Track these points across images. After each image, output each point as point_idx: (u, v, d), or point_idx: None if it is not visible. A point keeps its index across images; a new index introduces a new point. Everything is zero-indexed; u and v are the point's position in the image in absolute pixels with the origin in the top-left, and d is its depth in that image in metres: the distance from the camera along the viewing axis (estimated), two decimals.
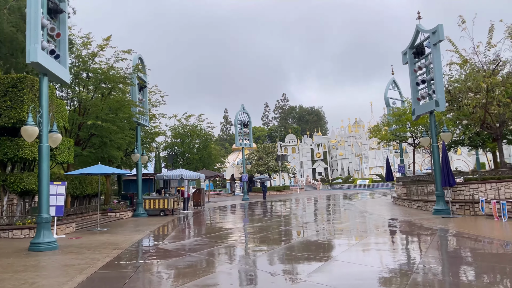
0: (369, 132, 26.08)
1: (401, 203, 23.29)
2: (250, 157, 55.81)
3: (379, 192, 47.39)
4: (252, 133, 56.31)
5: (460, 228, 12.71)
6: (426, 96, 17.94)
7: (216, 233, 14.22)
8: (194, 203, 28.34)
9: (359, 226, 15.05)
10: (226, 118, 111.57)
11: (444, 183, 16.30)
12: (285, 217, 19.79)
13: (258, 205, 30.88)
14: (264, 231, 14.01)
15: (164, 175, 22.26)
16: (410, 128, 23.18)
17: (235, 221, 19.25)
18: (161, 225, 17.61)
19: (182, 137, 34.40)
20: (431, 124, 17.59)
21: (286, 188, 55.49)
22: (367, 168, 79.55)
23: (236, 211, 26.02)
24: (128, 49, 19.42)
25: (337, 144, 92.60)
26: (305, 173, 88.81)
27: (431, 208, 18.69)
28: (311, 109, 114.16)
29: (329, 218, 18.62)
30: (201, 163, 34.19)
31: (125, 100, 19.24)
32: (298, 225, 15.95)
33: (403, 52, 19.48)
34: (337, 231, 13.48)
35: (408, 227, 13.92)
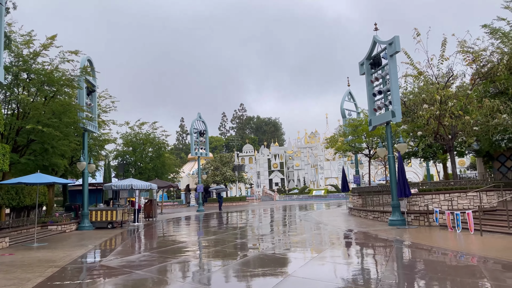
0: (326, 142, 26.05)
1: (357, 214, 23.29)
2: (206, 167, 54.67)
3: (334, 202, 47.86)
4: (209, 143, 55.38)
5: (416, 239, 12.59)
6: (383, 107, 18.05)
7: (168, 247, 13.24)
8: (145, 214, 26.97)
9: (315, 238, 14.63)
10: (183, 127, 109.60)
11: (400, 193, 16.31)
12: (241, 229, 19.08)
13: (214, 216, 29.95)
14: (219, 245, 13.22)
15: (113, 185, 20.88)
16: (366, 139, 23.39)
17: (188, 233, 18.29)
18: (107, 239, 16.33)
19: (134, 145, 32.85)
20: (387, 135, 17.67)
21: (243, 199, 54.77)
22: (323, 179, 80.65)
23: (190, 223, 24.97)
24: (75, 49, 18.11)
25: (294, 155, 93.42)
26: (262, 184, 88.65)
27: (386, 219, 18.71)
28: (268, 120, 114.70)
29: (286, 229, 18.13)
30: (154, 173, 32.76)
31: (70, 104, 17.83)
32: (254, 237, 15.30)
33: (360, 62, 19.58)
34: (293, 244, 12.95)
35: (365, 238, 13.66)
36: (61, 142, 17.44)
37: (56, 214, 19.87)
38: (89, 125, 20.47)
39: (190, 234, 17.84)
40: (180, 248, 12.92)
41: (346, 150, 24.89)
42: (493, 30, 18.18)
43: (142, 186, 21.45)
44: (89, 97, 21.54)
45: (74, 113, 18.47)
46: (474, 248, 10.64)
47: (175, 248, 12.91)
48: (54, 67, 17.88)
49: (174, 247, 13.28)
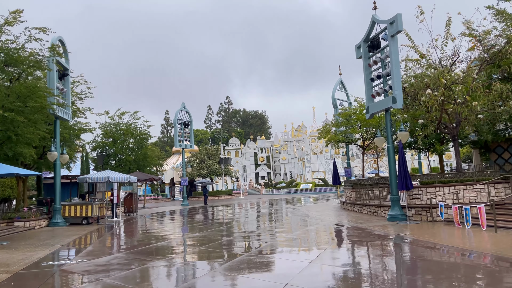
0: (318, 133, 24.64)
1: (350, 208, 22.02)
2: (192, 160, 52.91)
3: (322, 196, 46.73)
4: (194, 136, 53.48)
5: (422, 236, 11.29)
6: (382, 93, 16.70)
7: (145, 246, 11.66)
8: (125, 209, 25.25)
9: (309, 236, 13.23)
10: (167, 120, 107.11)
11: (402, 186, 15.01)
12: (227, 225, 17.58)
13: (199, 211, 28.37)
14: (204, 243, 11.69)
15: (88, 178, 19.11)
16: (361, 129, 22.04)
17: (170, 230, 16.69)
18: (79, 237, 14.66)
19: (114, 136, 30.93)
20: (387, 123, 16.33)
21: (229, 192, 53.22)
22: (310, 173, 79.64)
23: (173, 218, 23.36)
24: (43, 26, 16.24)
25: (280, 149, 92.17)
26: (248, 177, 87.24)
27: (384, 213, 17.45)
28: (255, 113, 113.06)
29: (275, 226, 16.69)
30: (136, 165, 30.96)
31: (36, 87, 15.96)
32: (242, 235, 13.81)
33: (356, 45, 18.16)
34: (286, 243, 11.52)
35: (364, 236, 12.29)
36: (27, 130, 15.61)
37: (24, 209, 18.04)
38: (61, 111, 18.62)
39: (172, 231, 16.25)
40: (159, 249, 11.36)
41: (339, 140, 23.54)
42: (498, 12, 16.97)
43: (120, 179, 19.73)
44: (61, 82, 19.67)
45: (42, 98, 16.63)
46: (492, 246, 9.34)
47: (153, 248, 11.34)
48: (20, 46, 15.99)
49: (152, 246, 11.70)
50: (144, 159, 31.62)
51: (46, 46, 16.99)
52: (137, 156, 31.60)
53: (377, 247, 10.30)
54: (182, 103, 37.13)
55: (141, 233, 16.06)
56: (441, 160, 24.75)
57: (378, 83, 16.96)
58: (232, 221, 19.23)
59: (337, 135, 23.04)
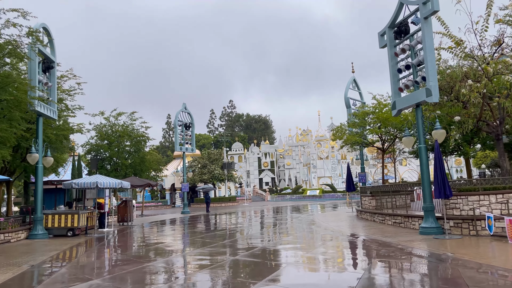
0: (332, 133, 22.35)
1: (369, 218, 19.66)
2: (193, 164, 50.62)
3: (331, 203, 44.30)
4: (197, 141, 51.31)
5: (473, 256, 8.93)
6: (411, 85, 14.41)
7: (134, 268, 9.33)
8: (119, 218, 22.96)
9: (335, 254, 10.90)
10: (169, 124, 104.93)
11: (439, 193, 12.66)
12: (233, 239, 15.25)
13: (200, 220, 26.04)
14: (205, 267, 9.38)
15: (74, 183, 16.85)
16: (380, 129, 19.70)
17: (166, 246, 14.37)
18: (57, 253, 12.37)
19: (109, 138, 28.73)
20: (418, 120, 14.03)
21: (233, 199, 50.82)
22: (315, 178, 77.20)
23: (171, 228, 21.06)
24: (21, 8, 14.07)
25: (285, 154, 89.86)
26: (252, 183, 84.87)
27: (413, 225, 15.11)
28: (258, 117, 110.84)
29: (291, 241, 14.35)
30: (132, 170, 28.73)
31: (10, 76, 13.75)
32: (252, 254, 11.47)
33: (380, 33, 15.89)
34: (310, 266, 9.20)
35: (401, 255, 9.94)
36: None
37: (0, 219, 15.77)
38: (44, 108, 16.41)
39: (169, 247, 13.94)
40: (151, 273, 9.04)
41: (355, 142, 21.21)
42: None
43: (111, 185, 17.46)
44: (45, 75, 17.49)
45: (20, 91, 14.44)
46: None
47: (144, 272, 9.01)
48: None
49: (143, 269, 9.37)
50: (142, 163, 29.35)
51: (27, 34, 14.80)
52: (134, 160, 29.35)
53: (422, 270, 7.95)
54: (183, 104, 34.90)
55: (132, 248, 13.76)
56: (468, 165, 22.40)
57: (407, 74, 14.67)
58: (239, 233, 16.91)
59: (354, 135, 20.71)
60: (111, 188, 17.83)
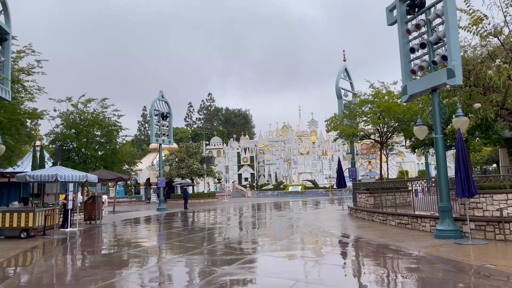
0: (327, 125, 20.41)
1: (367, 217, 17.80)
2: (170, 158, 47.89)
3: (314, 200, 42.58)
4: (174, 135, 48.39)
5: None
6: (427, 66, 12.50)
7: (99, 284, 7.02)
8: (86, 216, 20.37)
9: (343, 262, 8.87)
10: (145, 116, 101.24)
11: (462, 191, 10.79)
12: (214, 241, 13.04)
13: (177, 218, 23.68)
14: (181, 279, 7.16)
15: (28, 176, 14.25)
16: (382, 119, 17.75)
17: (138, 251, 12.03)
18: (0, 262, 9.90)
19: (77, 127, 25.92)
20: (435, 107, 12.15)
21: (212, 195, 48.42)
22: (296, 174, 75.65)
23: (145, 228, 18.67)
24: None
25: (265, 149, 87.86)
26: (231, 179, 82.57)
27: (422, 227, 13.29)
28: (238, 112, 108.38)
29: (284, 246, 12.26)
30: (103, 162, 26.05)
31: None
32: (240, 264, 9.30)
33: (388, 8, 13.90)
34: (317, 282, 7.12)
35: (431, 267, 7.99)
36: None
37: None
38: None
39: (143, 253, 11.60)
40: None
41: (351, 134, 19.22)
42: None
43: (74, 178, 14.92)
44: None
45: None
46: None
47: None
48: None
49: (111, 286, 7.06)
50: (113, 155, 26.66)
51: None
52: (105, 151, 26.64)
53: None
54: (160, 91, 32.24)
55: (98, 254, 11.36)
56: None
57: (421, 53, 12.76)
58: (222, 236, 14.72)
59: (351, 126, 18.71)
60: (74, 181, 15.29)
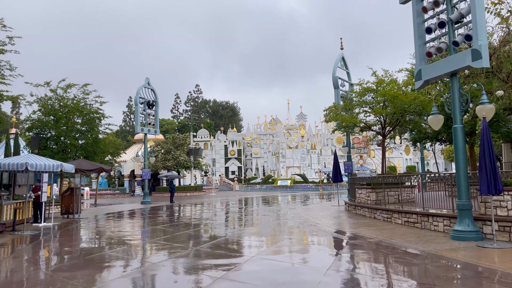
0: (325, 115, 19.08)
1: (368, 214, 16.59)
2: (156, 150, 46.14)
3: (304, 194, 41.46)
4: (160, 126, 46.57)
5: None
6: (446, 47, 11.22)
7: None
8: (63, 209, 18.72)
9: (359, 275, 7.55)
10: (130, 107, 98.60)
11: (487, 188, 9.58)
12: (204, 241, 11.62)
13: (163, 212, 22.17)
14: None
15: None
16: (386, 109, 16.46)
17: (119, 253, 10.53)
18: None
19: (56, 114, 24.08)
20: (454, 93, 10.90)
21: (199, 188, 46.87)
22: (284, 168, 74.60)
23: (127, 224, 17.14)
24: None
25: (253, 142, 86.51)
26: (218, 172, 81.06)
27: (434, 226, 12.11)
28: (226, 104, 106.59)
29: (288, 248, 10.92)
30: (83, 152, 24.32)
31: None
32: (234, 269, 7.91)
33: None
34: None
35: (465, 279, 6.73)
36: None
37: None
38: None
39: (123, 254, 10.11)
40: None
41: (352, 125, 17.91)
42: None
43: (48, 167, 13.31)
44: None
45: None
46: None
47: None
48: None
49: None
50: (95, 144, 24.92)
51: None
52: (86, 140, 24.87)
53: None
54: (146, 78, 30.46)
55: (68, 256, 9.83)
56: (472, 154, 19.82)
57: (439, 34, 11.47)
58: (211, 233, 13.31)
59: (352, 117, 17.38)
60: (48, 171, 13.66)
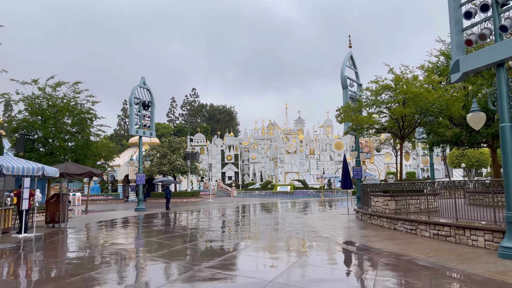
0: (337, 116, 17.44)
1: (387, 225, 14.95)
2: (151, 153, 44.33)
3: (306, 201, 39.79)
4: (155, 130, 44.83)
5: None
6: (490, 34, 9.67)
7: None
8: (48, 218, 16.94)
9: None
10: (125, 110, 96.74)
11: None
12: (205, 257, 9.91)
13: (158, 220, 20.43)
14: None
15: None
16: (409, 107, 14.74)
17: (109, 276, 8.80)
18: None
19: (44, 114, 22.34)
20: (501, 86, 9.34)
21: (195, 194, 45.05)
22: (282, 173, 72.95)
23: (118, 235, 15.37)
24: None
25: (250, 147, 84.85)
26: (214, 177, 79.26)
27: (473, 241, 10.46)
28: (222, 108, 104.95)
29: (305, 264, 9.25)
30: (74, 155, 22.56)
31: None
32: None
33: None
34: None
35: None
36: None
37: None
38: None
39: (112, 274, 8.39)
40: None
41: (367, 127, 16.23)
42: None
43: (26, 170, 11.58)
44: None
45: None
46: None
47: None
48: None
49: None
50: (86, 147, 23.16)
51: None
52: (77, 142, 23.10)
53: None
54: (142, 78, 28.77)
55: (48, 275, 8.10)
56: (494, 158, 18.30)
57: (484, 18, 9.93)
58: (214, 248, 11.61)
59: (370, 117, 15.72)
60: (28, 175, 11.94)
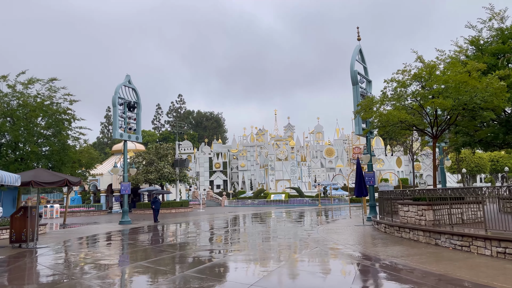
0: (356, 110, 15.02)
1: (423, 239, 12.52)
2: (137, 161, 41.33)
3: (302, 210, 37.25)
4: (141, 137, 42.03)
5: None
6: None
7: None
8: (13, 236, 14.01)
9: None
10: (108, 118, 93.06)
11: None
12: (208, 280, 7.28)
13: (145, 236, 17.63)
14: None
15: None
16: (449, 99, 12.36)
17: None
18: None
19: (14, 114, 19.43)
20: None
21: (185, 204, 42.06)
22: (273, 181, 70.37)
23: (99, 257, 12.55)
24: None
25: (239, 154, 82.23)
26: (202, 186, 76.25)
27: None
28: (210, 115, 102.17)
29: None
30: (48, 161, 19.67)
31: None
32: None
33: None
34: None
35: None
36: None
37: None
38: None
39: None
40: None
41: (400, 123, 13.51)
42: None
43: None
44: None
45: None
46: None
47: None
48: None
49: None
50: (63, 151, 20.26)
51: None
52: (52, 147, 20.18)
53: None
54: (127, 76, 25.91)
55: None
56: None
57: None
58: (213, 271, 8.96)
59: (403, 111, 13.20)
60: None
